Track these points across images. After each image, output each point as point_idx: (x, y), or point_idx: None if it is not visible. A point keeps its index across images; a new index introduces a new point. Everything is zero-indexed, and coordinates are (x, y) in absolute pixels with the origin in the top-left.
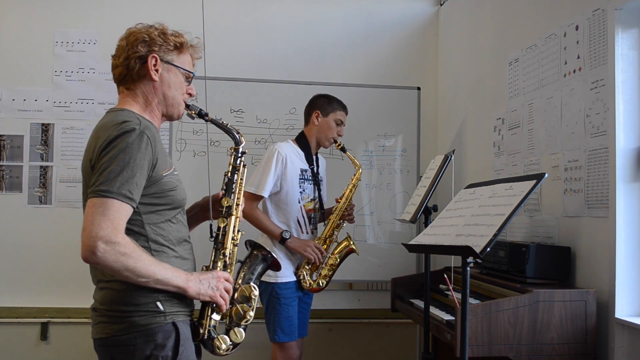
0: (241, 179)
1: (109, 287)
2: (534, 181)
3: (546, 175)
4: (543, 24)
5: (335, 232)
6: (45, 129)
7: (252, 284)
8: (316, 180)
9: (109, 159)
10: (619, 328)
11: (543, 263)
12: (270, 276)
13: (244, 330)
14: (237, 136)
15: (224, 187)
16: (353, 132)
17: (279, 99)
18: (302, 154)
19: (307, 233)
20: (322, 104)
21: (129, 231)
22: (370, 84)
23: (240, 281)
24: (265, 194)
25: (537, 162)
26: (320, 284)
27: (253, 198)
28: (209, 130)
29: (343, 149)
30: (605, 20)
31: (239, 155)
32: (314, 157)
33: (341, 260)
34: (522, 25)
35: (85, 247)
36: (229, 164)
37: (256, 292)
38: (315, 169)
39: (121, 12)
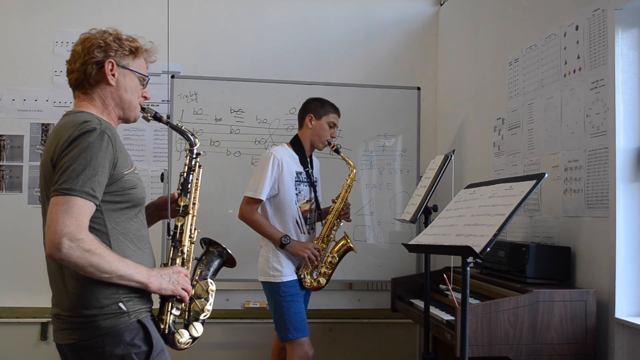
0: (197, 179)
1: (68, 292)
2: (534, 181)
3: (546, 175)
4: (543, 24)
5: (333, 232)
6: (45, 129)
7: (209, 279)
8: (311, 182)
9: (70, 157)
10: (619, 328)
11: (543, 263)
12: (274, 276)
13: (202, 324)
14: (191, 138)
15: (180, 187)
16: (353, 132)
17: (279, 99)
18: (296, 157)
19: (304, 233)
20: (315, 107)
21: (90, 229)
22: (370, 84)
23: (197, 277)
24: (264, 197)
25: (537, 162)
26: (320, 283)
27: (252, 202)
28: (209, 130)
29: (337, 151)
30: (605, 20)
31: (194, 156)
32: (309, 159)
33: (340, 259)
34: (522, 25)
35: (51, 244)
36: (185, 165)
37: (213, 287)
38: (310, 170)
39: (121, 13)
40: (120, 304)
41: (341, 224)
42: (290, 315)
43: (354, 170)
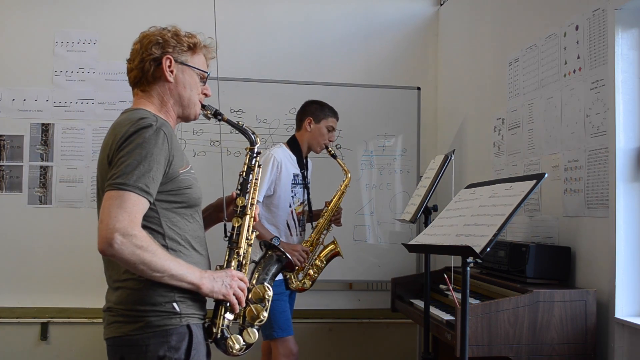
0: (256, 179)
1: (125, 287)
2: (534, 181)
3: (546, 175)
4: (543, 24)
5: (322, 236)
6: (45, 129)
7: (266, 284)
8: (306, 184)
9: (126, 153)
10: (619, 328)
11: (543, 263)
12: None
13: (258, 331)
14: (252, 136)
15: (239, 187)
16: (353, 132)
17: (279, 99)
18: (294, 158)
19: (297, 235)
20: (314, 111)
21: (146, 228)
22: (370, 84)
23: (254, 282)
24: (260, 198)
25: (537, 162)
26: (306, 285)
27: None
28: (209, 130)
29: (334, 156)
30: (605, 20)
31: (254, 155)
32: (304, 160)
33: (327, 263)
34: (522, 25)
35: (103, 239)
36: (244, 164)
37: (270, 293)
38: (305, 172)
39: (121, 13)
40: (174, 304)
41: (331, 228)
42: (275, 315)
43: (349, 176)
